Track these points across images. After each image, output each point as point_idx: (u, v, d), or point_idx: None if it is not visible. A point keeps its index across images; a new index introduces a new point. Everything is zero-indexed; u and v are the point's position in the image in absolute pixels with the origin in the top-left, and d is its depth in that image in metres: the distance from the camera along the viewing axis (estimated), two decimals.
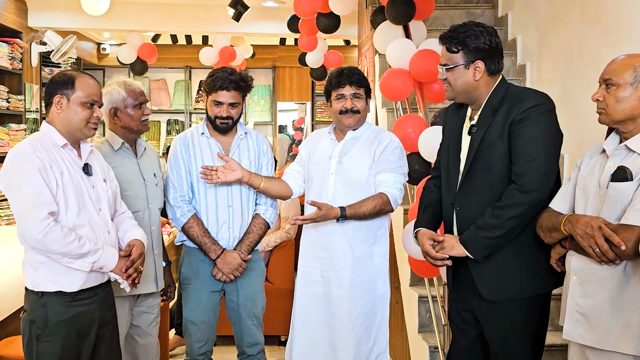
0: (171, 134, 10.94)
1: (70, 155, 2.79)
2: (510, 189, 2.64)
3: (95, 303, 2.81)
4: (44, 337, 2.69)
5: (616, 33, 3.85)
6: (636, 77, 2.37)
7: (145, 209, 3.33)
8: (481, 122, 2.76)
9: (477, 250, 2.72)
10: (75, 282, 2.72)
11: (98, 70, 10.73)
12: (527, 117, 2.63)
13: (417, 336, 4.14)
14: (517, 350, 2.76)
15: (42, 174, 2.64)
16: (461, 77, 2.76)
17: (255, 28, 8.55)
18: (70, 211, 2.71)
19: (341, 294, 3.28)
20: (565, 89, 4.46)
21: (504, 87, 2.78)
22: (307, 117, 11.51)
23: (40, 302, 2.70)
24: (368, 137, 3.37)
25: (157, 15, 8.43)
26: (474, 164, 2.75)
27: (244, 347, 3.61)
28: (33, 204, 2.61)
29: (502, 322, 2.75)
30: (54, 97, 2.77)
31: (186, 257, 3.60)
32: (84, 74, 2.86)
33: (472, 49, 2.73)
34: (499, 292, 2.73)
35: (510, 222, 2.64)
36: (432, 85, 4.38)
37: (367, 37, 6.09)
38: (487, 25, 2.80)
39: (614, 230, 2.28)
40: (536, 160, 2.61)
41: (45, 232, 2.60)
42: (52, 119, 2.79)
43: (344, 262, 3.28)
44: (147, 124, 3.37)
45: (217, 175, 3.32)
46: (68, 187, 2.71)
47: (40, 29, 7.79)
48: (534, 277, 2.71)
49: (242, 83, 3.46)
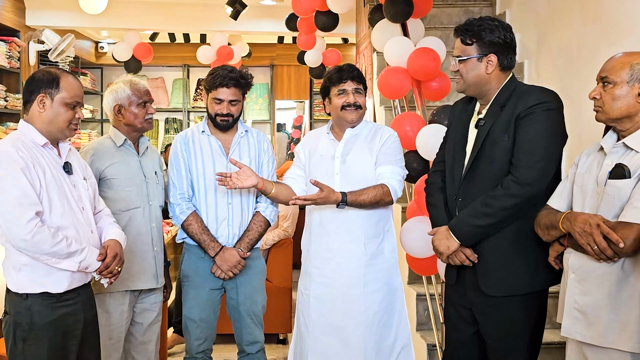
0: (169, 132, 10.93)
1: (50, 154, 2.74)
2: (507, 179, 2.66)
3: (79, 304, 2.77)
4: (30, 340, 2.64)
5: (615, 32, 3.85)
6: (632, 75, 2.38)
7: (146, 206, 3.36)
8: (489, 116, 2.78)
9: (465, 236, 2.75)
10: (60, 283, 2.68)
11: (96, 69, 10.72)
12: (532, 113, 2.65)
13: (416, 334, 4.14)
14: (515, 347, 2.77)
15: (26, 174, 2.59)
16: (473, 69, 2.79)
17: (253, 26, 8.54)
18: (55, 211, 2.67)
19: (354, 293, 3.23)
20: (563, 88, 4.46)
21: (514, 84, 2.81)
22: (305, 115, 11.51)
23: (24, 304, 2.65)
24: (368, 134, 3.35)
25: (154, 14, 8.42)
26: (478, 157, 2.77)
27: (243, 345, 3.60)
28: (19, 205, 2.56)
29: (501, 318, 2.75)
30: (36, 95, 2.69)
31: (186, 254, 3.60)
32: (67, 73, 2.79)
33: (487, 42, 2.76)
34: (500, 287, 2.74)
35: (502, 212, 2.66)
36: (430, 83, 4.38)
37: (365, 35, 6.08)
38: (503, 21, 2.83)
39: (612, 228, 2.29)
40: (534, 155, 2.63)
41: (34, 233, 2.56)
42: (32, 117, 2.71)
43: (357, 260, 3.24)
44: (151, 122, 3.41)
45: (232, 181, 3.26)
46: (51, 186, 2.67)
47: (38, 27, 7.78)
48: (534, 273, 2.73)
49: (242, 80, 3.47)
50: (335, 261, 3.28)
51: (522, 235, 2.71)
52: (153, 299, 3.43)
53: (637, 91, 2.38)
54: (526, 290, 2.73)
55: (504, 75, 2.81)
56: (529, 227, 2.68)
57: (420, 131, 3.96)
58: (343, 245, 3.27)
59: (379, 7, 4.82)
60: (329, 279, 3.29)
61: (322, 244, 3.32)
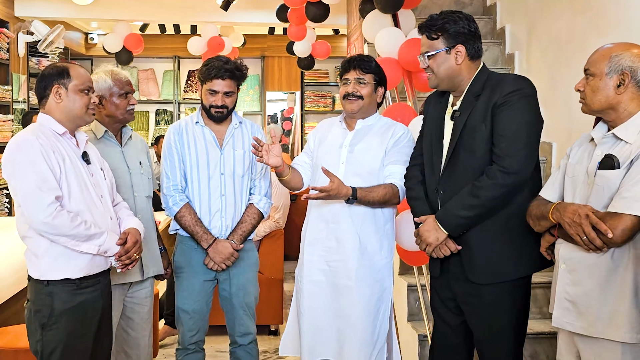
0: (160, 124, 10.90)
1: (69, 143, 2.85)
2: (492, 169, 2.67)
3: (98, 291, 2.86)
4: (49, 326, 2.73)
5: (604, 21, 3.86)
6: (611, 67, 2.41)
7: (130, 197, 3.32)
8: (464, 107, 2.80)
9: (453, 227, 2.77)
10: (80, 268, 2.76)
11: (86, 60, 10.68)
12: (508, 101, 2.68)
13: (407, 325, 4.16)
14: (501, 336, 2.79)
15: (46, 160, 2.69)
16: (443, 62, 2.82)
17: (244, 17, 8.52)
18: (74, 197, 2.76)
19: (349, 284, 3.22)
20: (553, 78, 4.47)
21: (486, 74, 2.84)
22: (296, 106, 11.50)
23: (46, 290, 2.74)
24: (381, 127, 3.30)
25: (144, 5, 8.39)
26: (456, 148, 2.79)
27: (235, 336, 3.61)
28: (39, 190, 2.65)
29: (487, 306, 2.77)
30: (50, 88, 2.82)
31: (179, 245, 3.60)
32: (73, 64, 2.94)
33: (452, 34, 2.79)
34: (486, 275, 2.76)
35: (490, 202, 2.68)
36: (420, 74, 4.38)
37: (356, 26, 6.08)
38: (465, 12, 2.86)
39: (601, 218, 2.30)
40: (518, 142, 2.65)
41: (54, 216, 2.65)
42: (51, 109, 2.84)
43: (352, 252, 3.21)
44: (132, 113, 3.38)
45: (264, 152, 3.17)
46: (70, 173, 2.76)
47: (27, 18, 7.73)
48: (519, 259, 2.75)
49: (237, 72, 3.46)
50: (332, 250, 3.26)
51: (506, 222, 2.73)
52: (144, 293, 3.41)
53: (615, 82, 2.40)
54: (511, 276, 2.75)
55: (474, 65, 2.84)
56: (513, 213, 2.71)
57: (411, 122, 3.95)
58: (340, 236, 3.23)
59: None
60: (322, 271, 3.28)
61: (321, 232, 3.29)
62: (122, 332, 3.36)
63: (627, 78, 2.38)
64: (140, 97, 10.74)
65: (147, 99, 10.93)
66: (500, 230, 2.74)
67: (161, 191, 3.56)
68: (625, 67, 2.39)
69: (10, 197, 6.73)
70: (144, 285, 3.41)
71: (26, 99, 8.05)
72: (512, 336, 2.79)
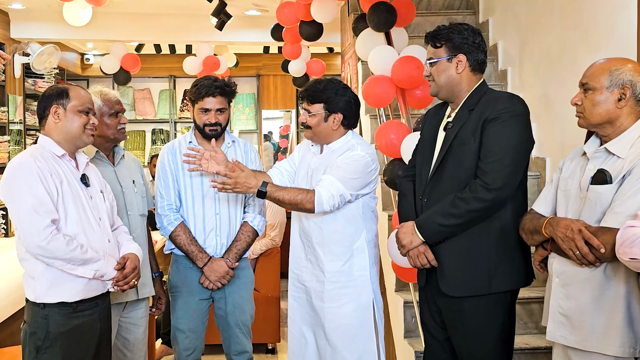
0: (156, 143, 10.90)
1: (68, 165, 2.85)
2: (475, 183, 2.69)
3: (96, 314, 2.84)
4: (44, 349, 2.71)
5: (595, 37, 3.89)
6: (612, 81, 2.41)
7: (124, 216, 3.30)
8: (457, 119, 2.83)
9: (430, 234, 2.78)
10: (75, 291, 2.75)
11: (82, 81, 10.69)
12: (499, 118, 2.69)
13: (403, 341, 4.15)
14: (485, 351, 2.77)
15: (44, 183, 2.69)
16: (444, 70, 2.85)
17: (238, 37, 8.58)
18: (70, 220, 2.75)
19: (320, 305, 3.24)
20: (546, 93, 4.50)
21: (484, 89, 2.86)
22: (292, 124, 11.53)
23: (42, 313, 2.72)
24: (340, 150, 3.24)
25: (140, 25, 8.43)
26: (445, 158, 2.81)
27: (232, 355, 3.61)
28: (35, 213, 2.65)
29: (464, 320, 2.77)
30: (49, 108, 2.84)
31: (174, 265, 3.61)
32: (74, 85, 2.97)
33: (456, 44, 2.82)
34: (457, 287, 2.76)
35: (469, 214, 2.69)
36: (414, 91, 4.41)
37: (350, 45, 6.11)
38: (473, 26, 2.90)
39: (593, 233, 2.31)
40: (502, 159, 2.66)
41: (49, 240, 2.64)
42: (49, 130, 2.86)
43: (315, 277, 3.25)
44: (124, 132, 3.39)
45: (199, 162, 3.26)
46: (67, 195, 2.76)
47: (23, 40, 7.76)
48: (494, 274, 2.73)
49: (227, 88, 3.49)
50: (307, 270, 3.30)
51: (482, 236, 2.73)
52: (140, 313, 3.40)
53: (616, 97, 2.41)
54: (484, 291, 2.74)
55: (475, 78, 2.86)
56: (491, 228, 2.72)
57: (405, 139, 3.98)
58: (314, 257, 3.26)
59: (363, 16, 4.84)
60: (300, 288, 3.35)
61: (300, 251, 3.35)
62: (117, 352, 3.35)
63: (628, 92, 2.40)
64: (136, 116, 10.75)
65: (144, 119, 10.93)
66: (475, 244, 2.74)
67: (156, 211, 3.57)
68: (626, 81, 2.40)
69: (8, 217, 6.73)
70: (139, 306, 3.40)
71: (22, 120, 8.06)
72: (495, 354, 2.77)
